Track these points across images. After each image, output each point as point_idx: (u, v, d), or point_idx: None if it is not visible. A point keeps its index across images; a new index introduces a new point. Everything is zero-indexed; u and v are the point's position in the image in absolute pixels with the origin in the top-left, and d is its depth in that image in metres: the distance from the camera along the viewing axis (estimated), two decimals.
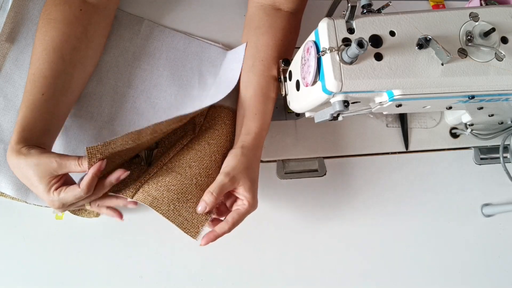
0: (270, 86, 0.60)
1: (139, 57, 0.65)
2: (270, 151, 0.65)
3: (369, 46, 0.45)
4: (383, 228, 0.64)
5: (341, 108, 0.46)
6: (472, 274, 0.65)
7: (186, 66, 0.66)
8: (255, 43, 0.61)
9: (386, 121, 0.69)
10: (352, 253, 0.63)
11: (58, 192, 0.48)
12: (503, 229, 0.68)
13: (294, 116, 0.67)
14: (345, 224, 0.64)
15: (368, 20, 0.46)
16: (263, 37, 0.61)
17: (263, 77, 0.59)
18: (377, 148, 0.68)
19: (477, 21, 0.47)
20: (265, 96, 0.59)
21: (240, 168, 0.53)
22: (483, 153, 0.71)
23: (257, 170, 0.56)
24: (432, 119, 0.70)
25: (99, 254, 0.57)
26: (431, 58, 0.46)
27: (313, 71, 0.46)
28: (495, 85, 0.48)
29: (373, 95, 0.48)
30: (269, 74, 0.60)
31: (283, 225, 0.62)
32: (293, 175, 0.65)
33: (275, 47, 0.60)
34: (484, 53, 0.47)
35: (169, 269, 0.58)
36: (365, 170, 0.67)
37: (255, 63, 0.60)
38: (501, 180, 0.68)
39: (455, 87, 0.47)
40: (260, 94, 0.59)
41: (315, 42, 0.46)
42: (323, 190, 0.65)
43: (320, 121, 0.54)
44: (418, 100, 0.50)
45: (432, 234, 0.65)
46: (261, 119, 0.58)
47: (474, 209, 0.68)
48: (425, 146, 0.69)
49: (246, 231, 0.61)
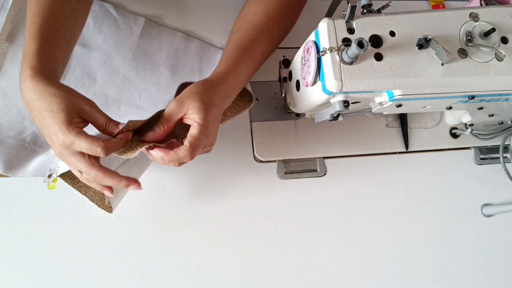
0: (252, 43, 0.58)
1: (139, 57, 0.65)
2: (270, 151, 0.65)
3: (369, 46, 0.45)
4: (383, 228, 0.64)
5: (341, 108, 0.46)
6: (472, 274, 0.65)
7: (187, 65, 0.66)
8: (246, 9, 0.61)
9: (386, 121, 0.69)
10: (352, 253, 0.63)
11: (77, 133, 0.43)
12: (503, 229, 0.68)
13: (294, 116, 0.67)
14: (345, 224, 0.64)
15: (368, 20, 0.46)
16: (255, 4, 0.60)
17: (245, 32, 0.58)
18: (377, 148, 0.68)
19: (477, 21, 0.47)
20: (244, 50, 0.57)
21: (189, 93, 0.50)
22: (483, 153, 0.71)
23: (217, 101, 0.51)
24: (432, 119, 0.70)
25: (99, 254, 0.57)
26: (431, 58, 0.46)
27: (313, 71, 0.46)
28: (495, 85, 0.48)
29: (373, 95, 0.48)
30: (253, 33, 0.58)
31: (283, 225, 0.62)
32: (293, 175, 0.65)
33: (265, 15, 0.59)
34: (484, 53, 0.47)
35: (169, 269, 0.58)
36: (365, 170, 0.67)
37: (242, 24, 0.59)
38: (501, 180, 0.68)
39: (455, 87, 0.47)
40: (238, 47, 0.57)
41: (315, 42, 0.46)
42: (323, 190, 0.65)
43: (320, 121, 0.54)
44: (418, 100, 0.50)
45: (432, 234, 0.65)
46: (232, 66, 0.55)
47: (474, 209, 0.68)
48: (425, 146, 0.69)
49: (246, 231, 0.61)
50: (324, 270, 0.61)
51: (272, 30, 0.60)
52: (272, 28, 0.60)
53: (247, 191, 0.63)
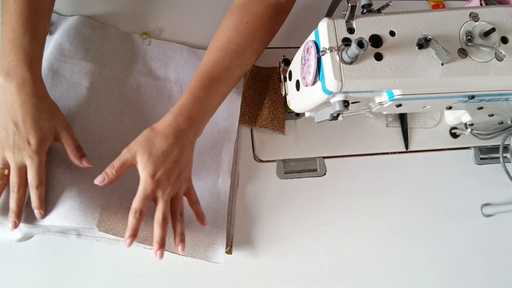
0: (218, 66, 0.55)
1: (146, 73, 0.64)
2: (270, 151, 0.65)
3: (369, 46, 0.45)
4: (383, 227, 0.64)
5: (341, 108, 0.46)
6: (472, 274, 0.65)
7: None
8: (222, 23, 0.58)
9: (386, 121, 0.69)
10: (352, 252, 0.63)
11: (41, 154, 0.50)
12: (503, 229, 0.68)
13: (294, 116, 0.67)
14: (345, 223, 0.64)
15: (368, 20, 0.46)
16: (231, 18, 0.57)
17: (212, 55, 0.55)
18: (377, 148, 0.68)
19: (477, 21, 0.47)
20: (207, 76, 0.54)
21: (139, 141, 0.50)
22: (483, 153, 0.71)
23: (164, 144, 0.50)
24: (432, 119, 0.70)
25: (99, 253, 0.57)
26: (431, 58, 0.46)
27: (313, 71, 0.46)
28: (495, 85, 0.48)
29: (373, 95, 0.48)
30: (219, 54, 0.55)
31: (283, 225, 0.62)
32: (293, 175, 0.65)
33: (236, 30, 0.56)
34: (484, 53, 0.47)
35: (169, 269, 0.58)
36: (365, 170, 0.67)
37: (211, 45, 0.57)
38: (501, 180, 0.68)
39: (455, 87, 0.47)
40: (201, 72, 0.54)
41: (315, 42, 0.46)
42: (323, 190, 0.65)
43: (320, 121, 0.54)
44: (418, 100, 0.50)
45: (432, 234, 0.65)
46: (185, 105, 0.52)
47: (474, 209, 0.68)
48: (425, 146, 0.69)
49: (246, 231, 0.61)
50: (324, 269, 0.61)
51: (244, 48, 0.56)
52: (244, 47, 0.56)
53: (247, 191, 0.63)
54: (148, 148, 0.49)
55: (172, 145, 0.50)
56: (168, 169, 0.50)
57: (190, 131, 0.52)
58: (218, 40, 0.56)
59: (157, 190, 0.50)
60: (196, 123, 0.53)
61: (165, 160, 0.50)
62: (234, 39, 0.56)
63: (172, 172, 0.50)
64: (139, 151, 0.50)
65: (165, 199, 0.50)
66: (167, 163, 0.50)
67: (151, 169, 0.49)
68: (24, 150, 0.49)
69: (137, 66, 0.64)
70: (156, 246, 0.50)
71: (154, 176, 0.49)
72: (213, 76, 0.54)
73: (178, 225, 0.52)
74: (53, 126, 0.51)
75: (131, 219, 0.49)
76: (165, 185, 0.50)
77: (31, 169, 0.49)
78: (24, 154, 0.49)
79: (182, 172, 0.52)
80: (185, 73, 0.65)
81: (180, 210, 0.53)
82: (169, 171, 0.50)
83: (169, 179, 0.50)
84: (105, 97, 0.60)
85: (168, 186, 0.50)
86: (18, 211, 0.49)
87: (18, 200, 0.49)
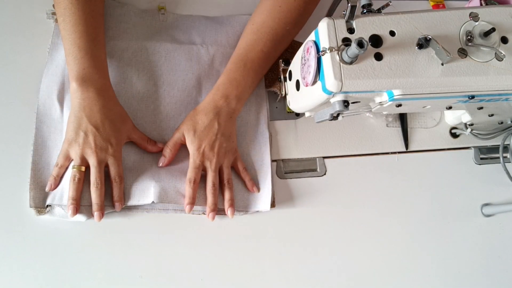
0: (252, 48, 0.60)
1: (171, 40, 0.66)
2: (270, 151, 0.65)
3: (369, 46, 0.45)
4: (383, 227, 0.64)
5: (341, 108, 0.46)
6: (472, 274, 0.65)
7: None
8: (258, 6, 0.61)
9: (386, 121, 0.69)
10: (352, 252, 0.63)
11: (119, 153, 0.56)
12: (503, 229, 0.68)
13: (294, 116, 0.67)
14: (345, 223, 0.64)
15: (368, 20, 0.46)
16: (266, 1, 0.60)
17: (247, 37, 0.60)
18: (377, 148, 0.68)
19: (477, 21, 0.47)
20: (241, 57, 0.60)
21: (185, 121, 0.58)
22: (483, 153, 0.71)
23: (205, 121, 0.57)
24: (432, 119, 0.70)
25: (99, 253, 0.57)
26: (431, 58, 0.46)
27: (313, 71, 0.46)
28: (495, 85, 0.48)
29: (373, 95, 0.48)
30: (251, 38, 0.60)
31: (282, 225, 0.62)
32: (293, 175, 0.65)
33: (269, 14, 0.59)
34: (484, 53, 0.47)
35: (169, 269, 0.58)
36: (365, 170, 0.67)
37: (247, 27, 0.61)
38: (501, 180, 0.68)
39: (455, 87, 0.47)
40: (236, 54, 0.60)
41: (315, 42, 0.46)
42: (323, 190, 0.65)
43: (320, 121, 0.54)
44: (418, 100, 0.50)
45: (432, 234, 0.65)
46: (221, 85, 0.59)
47: (474, 209, 0.68)
48: (425, 146, 0.69)
49: (246, 231, 0.61)
50: (324, 269, 0.61)
51: (277, 32, 0.60)
52: (277, 30, 0.59)
53: None
54: (192, 125, 0.57)
55: (212, 120, 0.57)
56: (212, 142, 0.57)
57: (228, 107, 0.58)
58: (253, 23, 0.61)
59: (204, 161, 0.57)
60: (234, 101, 0.59)
61: (207, 134, 0.57)
62: (267, 23, 0.60)
63: (215, 144, 0.57)
64: (186, 129, 0.58)
65: (213, 169, 0.57)
66: (210, 136, 0.57)
67: (197, 143, 0.57)
68: (106, 150, 0.54)
69: (161, 36, 0.66)
70: (208, 210, 0.57)
71: (200, 149, 0.57)
72: (247, 59, 0.59)
73: (226, 192, 0.58)
74: (126, 127, 0.57)
75: (187, 188, 0.56)
76: (211, 156, 0.57)
77: (113, 166, 0.55)
78: (106, 154, 0.55)
79: (225, 144, 0.58)
80: (208, 36, 0.67)
81: (227, 178, 0.59)
82: (212, 144, 0.57)
83: (213, 150, 0.57)
84: (138, 72, 0.63)
85: (214, 157, 0.57)
86: (102, 203, 0.55)
87: (100, 195, 0.54)
